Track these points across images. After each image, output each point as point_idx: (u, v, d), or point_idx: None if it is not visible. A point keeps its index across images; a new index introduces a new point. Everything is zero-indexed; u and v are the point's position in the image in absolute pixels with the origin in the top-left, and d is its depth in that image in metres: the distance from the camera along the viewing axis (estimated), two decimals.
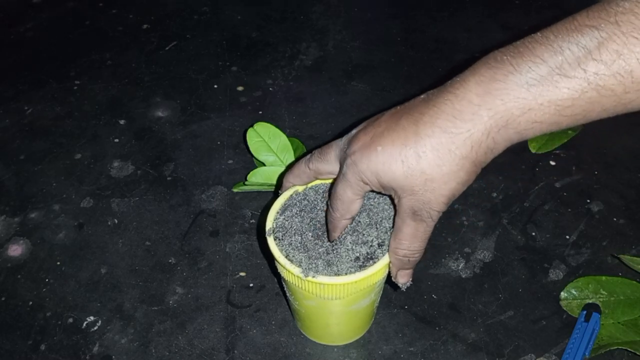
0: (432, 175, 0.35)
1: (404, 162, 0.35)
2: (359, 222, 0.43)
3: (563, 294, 0.53)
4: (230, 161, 0.67)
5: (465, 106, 0.34)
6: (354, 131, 0.39)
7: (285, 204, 0.44)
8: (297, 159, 0.52)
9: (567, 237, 0.59)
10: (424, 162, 0.34)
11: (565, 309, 0.52)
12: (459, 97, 0.34)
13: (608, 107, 0.33)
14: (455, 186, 0.35)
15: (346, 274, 0.40)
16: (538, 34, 0.34)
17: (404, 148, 0.35)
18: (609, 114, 0.34)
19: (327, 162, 0.41)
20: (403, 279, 0.41)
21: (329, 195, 0.41)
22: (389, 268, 0.41)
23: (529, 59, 0.33)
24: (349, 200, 0.39)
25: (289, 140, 0.62)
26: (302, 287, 0.41)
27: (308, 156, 0.43)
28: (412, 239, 0.38)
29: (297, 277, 0.40)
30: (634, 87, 0.31)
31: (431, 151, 0.34)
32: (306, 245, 0.41)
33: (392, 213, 0.43)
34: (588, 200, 0.62)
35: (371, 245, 0.41)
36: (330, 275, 0.39)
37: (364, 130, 0.38)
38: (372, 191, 0.42)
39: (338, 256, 0.40)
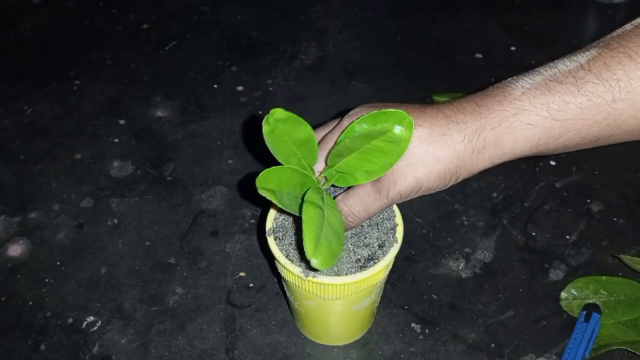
0: (416, 149, 0.36)
1: None
2: (361, 225, 0.43)
3: (563, 294, 0.53)
4: (230, 161, 0.67)
5: (469, 105, 0.37)
6: None
7: None
8: None
9: (567, 237, 0.59)
10: (417, 132, 0.36)
11: (565, 309, 0.52)
12: (467, 100, 0.37)
13: (599, 119, 0.35)
14: (428, 173, 0.36)
15: (347, 274, 0.40)
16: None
17: (408, 109, 0.37)
18: (603, 133, 0.36)
19: None
20: None
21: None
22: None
23: (528, 74, 0.37)
24: None
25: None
26: (302, 287, 0.41)
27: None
28: (358, 201, 0.39)
29: (298, 277, 0.40)
30: (622, 97, 0.34)
31: (427, 127, 0.36)
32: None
33: (393, 214, 0.43)
34: (588, 200, 0.62)
35: (372, 247, 0.41)
36: (330, 276, 0.39)
37: None
38: None
39: (339, 256, 0.40)
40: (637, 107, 0.34)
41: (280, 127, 0.36)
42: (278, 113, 0.36)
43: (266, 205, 0.41)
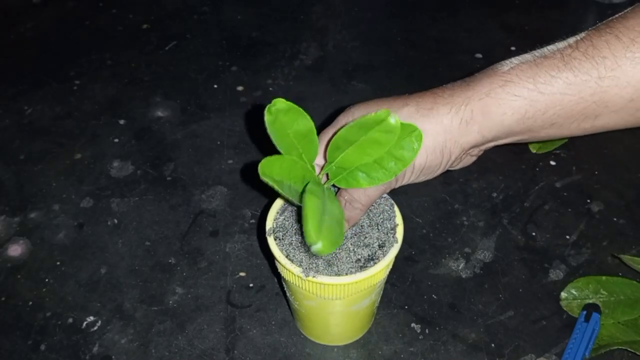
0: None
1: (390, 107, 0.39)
2: (361, 225, 0.43)
3: (563, 294, 0.53)
4: (230, 161, 0.67)
5: (457, 83, 0.39)
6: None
7: (285, 204, 0.44)
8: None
9: (567, 237, 0.59)
10: (405, 111, 0.37)
11: (565, 309, 0.52)
12: (457, 81, 0.38)
13: (585, 96, 0.35)
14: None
15: (347, 274, 0.40)
16: None
17: (397, 99, 0.39)
18: (589, 111, 0.36)
19: None
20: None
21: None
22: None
23: (518, 56, 0.38)
24: None
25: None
26: (302, 287, 0.41)
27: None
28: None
29: (298, 276, 0.40)
30: (607, 74, 0.34)
31: (415, 104, 0.38)
32: (307, 245, 0.41)
33: (394, 214, 0.43)
34: (588, 200, 0.62)
35: (372, 247, 0.41)
36: (330, 275, 0.39)
37: None
38: None
39: (339, 257, 0.40)
40: (622, 86, 0.34)
41: (282, 117, 0.36)
42: (280, 103, 0.36)
43: (266, 205, 0.41)
